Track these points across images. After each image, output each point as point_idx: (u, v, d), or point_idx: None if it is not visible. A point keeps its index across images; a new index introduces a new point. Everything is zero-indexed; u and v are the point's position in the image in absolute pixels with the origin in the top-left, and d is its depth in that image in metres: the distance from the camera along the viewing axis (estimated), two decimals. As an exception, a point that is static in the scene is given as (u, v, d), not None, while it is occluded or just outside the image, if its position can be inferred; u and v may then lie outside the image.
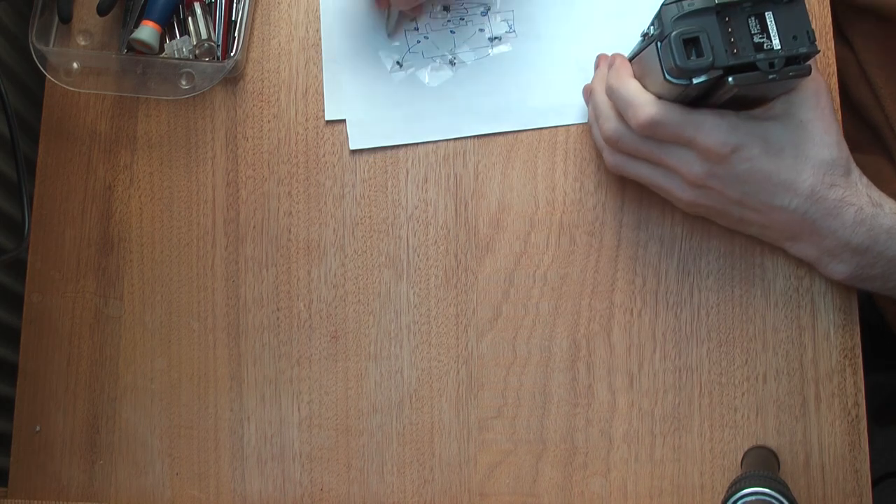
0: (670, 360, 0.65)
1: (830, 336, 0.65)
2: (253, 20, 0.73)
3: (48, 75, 0.71)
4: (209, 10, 0.72)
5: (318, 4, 0.73)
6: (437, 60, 0.71)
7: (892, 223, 0.59)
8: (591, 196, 0.68)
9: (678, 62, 0.54)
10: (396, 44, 0.71)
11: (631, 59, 0.63)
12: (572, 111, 0.69)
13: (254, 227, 0.70)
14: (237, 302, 0.70)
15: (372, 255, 0.69)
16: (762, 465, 0.61)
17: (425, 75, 0.71)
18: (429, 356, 0.67)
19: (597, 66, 0.67)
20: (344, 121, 0.70)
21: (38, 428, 0.70)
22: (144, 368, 0.70)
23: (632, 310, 0.66)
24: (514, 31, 0.71)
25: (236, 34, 0.71)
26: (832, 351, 0.64)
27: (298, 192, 0.70)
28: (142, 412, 0.69)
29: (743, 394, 0.64)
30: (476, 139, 0.70)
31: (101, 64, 0.72)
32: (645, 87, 0.60)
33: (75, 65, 0.72)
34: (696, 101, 0.59)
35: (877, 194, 0.60)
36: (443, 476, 0.66)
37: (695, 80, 0.55)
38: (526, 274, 0.67)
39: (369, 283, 0.69)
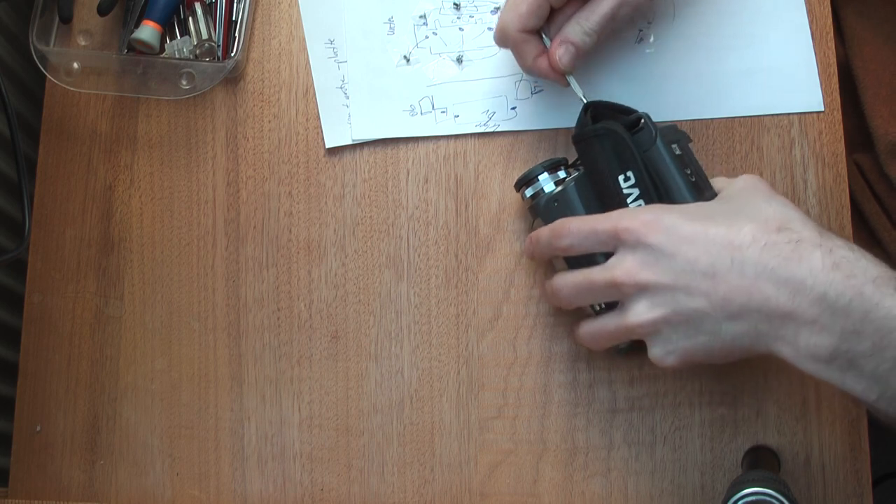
0: (671, 360, 0.65)
1: (831, 336, 0.65)
2: (253, 20, 0.73)
3: (48, 75, 0.71)
4: (210, 10, 0.72)
5: (319, 4, 0.73)
6: (444, 57, 0.71)
7: (878, 273, 0.46)
8: (592, 196, 0.68)
9: None
10: (404, 38, 0.71)
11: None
12: (571, 113, 0.69)
13: (254, 227, 0.70)
14: (237, 302, 0.70)
15: (372, 255, 0.69)
16: (762, 465, 0.61)
17: (431, 71, 0.71)
18: (429, 356, 0.67)
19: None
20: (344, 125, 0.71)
21: (38, 428, 0.70)
22: (145, 368, 0.70)
23: (632, 310, 0.66)
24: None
25: (237, 34, 0.71)
26: (832, 351, 0.64)
27: (299, 191, 0.70)
28: (142, 412, 0.69)
29: (743, 394, 0.64)
30: (477, 139, 0.70)
31: (101, 64, 0.72)
32: None
33: (76, 65, 0.72)
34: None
35: (851, 245, 0.48)
36: (443, 476, 0.66)
37: None
38: (526, 274, 0.67)
39: (370, 283, 0.69)
